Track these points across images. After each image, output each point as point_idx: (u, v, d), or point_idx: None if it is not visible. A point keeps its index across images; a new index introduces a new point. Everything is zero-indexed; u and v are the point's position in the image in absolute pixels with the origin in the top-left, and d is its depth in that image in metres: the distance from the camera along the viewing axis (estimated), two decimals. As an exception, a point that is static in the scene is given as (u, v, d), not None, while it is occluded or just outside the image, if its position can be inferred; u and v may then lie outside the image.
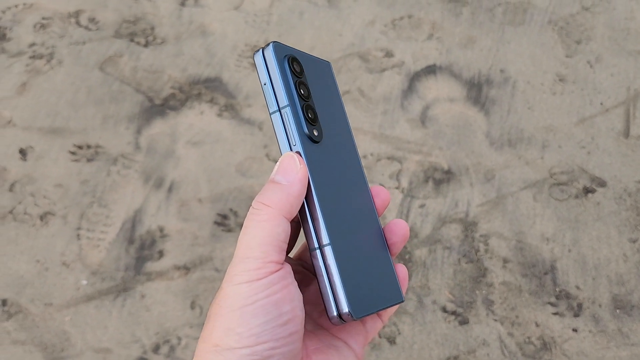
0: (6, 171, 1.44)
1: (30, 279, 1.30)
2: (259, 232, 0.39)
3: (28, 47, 1.66)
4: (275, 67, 0.42)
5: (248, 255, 0.39)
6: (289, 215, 0.40)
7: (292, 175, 0.40)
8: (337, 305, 0.41)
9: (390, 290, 0.45)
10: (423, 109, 1.54)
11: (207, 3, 1.75)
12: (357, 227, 0.44)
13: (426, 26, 1.70)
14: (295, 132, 0.41)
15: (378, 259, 0.45)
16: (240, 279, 0.38)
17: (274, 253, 0.39)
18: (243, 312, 0.37)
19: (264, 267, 0.38)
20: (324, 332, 0.44)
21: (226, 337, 0.37)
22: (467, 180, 1.43)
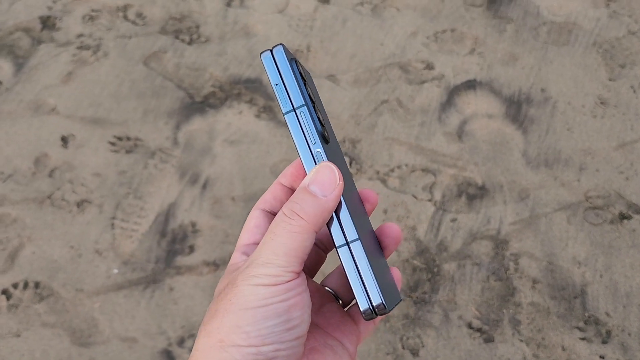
0: (47, 157, 1.48)
1: (64, 264, 1.33)
2: (288, 241, 0.39)
3: (76, 37, 1.70)
4: (287, 67, 0.42)
5: (272, 261, 0.39)
6: (319, 230, 0.40)
7: (330, 190, 0.40)
8: (370, 299, 0.41)
9: (393, 289, 0.45)
10: (460, 123, 1.54)
11: (252, 5, 1.77)
12: (364, 226, 0.45)
13: (469, 41, 1.70)
14: (314, 131, 0.42)
15: (381, 258, 0.46)
16: (259, 281, 0.38)
17: (297, 264, 0.39)
18: (255, 312, 0.38)
19: (285, 275, 0.39)
20: (319, 331, 0.44)
21: (233, 333, 0.37)
22: (500, 197, 1.42)
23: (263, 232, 0.44)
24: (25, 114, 1.55)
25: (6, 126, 1.52)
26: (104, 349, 1.23)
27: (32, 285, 1.30)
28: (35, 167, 1.46)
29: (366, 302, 0.41)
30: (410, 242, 1.35)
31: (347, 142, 1.50)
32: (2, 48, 1.67)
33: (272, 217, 0.46)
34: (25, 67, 1.63)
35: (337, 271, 0.49)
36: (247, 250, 0.44)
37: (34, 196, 1.42)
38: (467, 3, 1.78)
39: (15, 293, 1.29)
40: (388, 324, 1.26)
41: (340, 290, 0.48)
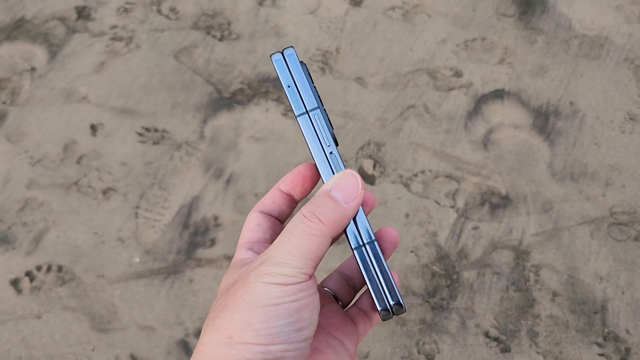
0: (76, 144, 1.50)
1: (87, 249, 1.35)
2: (306, 244, 0.39)
3: (110, 29, 1.72)
4: (299, 69, 0.43)
5: (288, 261, 0.39)
6: (337, 235, 0.41)
7: (352, 198, 0.41)
8: (388, 299, 0.41)
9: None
10: (487, 132, 1.53)
11: (284, 5, 1.78)
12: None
13: (499, 50, 1.69)
14: (328, 133, 0.42)
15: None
16: (272, 280, 0.38)
17: (311, 267, 0.39)
18: (267, 310, 0.37)
19: (298, 276, 0.39)
20: (321, 331, 0.45)
21: (242, 330, 0.37)
22: (524, 208, 1.41)
23: (265, 230, 0.45)
24: (57, 101, 1.57)
25: (38, 112, 1.55)
26: (122, 336, 1.25)
27: (55, 268, 1.32)
28: (64, 153, 1.48)
29: (385, 303, 0.41)
30: (430, 247, 1.35)
31: (372, 145, 1.50)
32: (38, 35, 1.70)
33: (270, 218, 0.46)
34: (59, 56, 1.66)
35: (335, 273, 0.50)
36: (252, 247, 0.45)
37: (61, 182, 1.44)
38: (499, 13, 1.78)
39: (38, 275, 1.32)
40: (405, 328, 1.25)
41: (339, 292, 0.49)
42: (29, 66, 1.64)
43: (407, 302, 1.28)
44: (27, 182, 1.44)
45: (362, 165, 1.47)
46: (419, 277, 1.31)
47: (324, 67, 1.64)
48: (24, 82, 1.61)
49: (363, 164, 1.47)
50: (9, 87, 1.60)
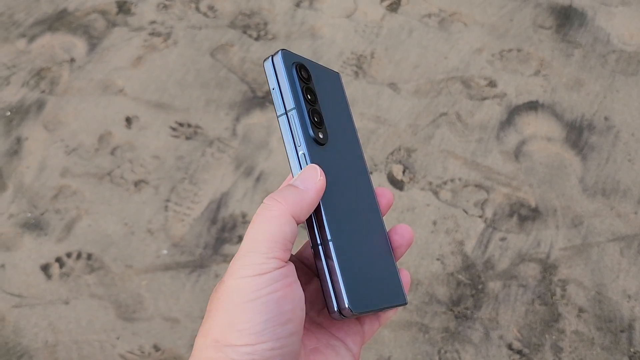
0: (111, 135, 1.53)
1: (116, 239, 1.37)
2: (267, 227, 0.39)
3: (149, 24, 1.75)
4: (283, 72, 0.43)
5: (253, 249, 0.38)
6: (297, 218, 0.40)
7: (311, 184, 0.40)
8: (338, 300, 0.41)
9: (392, 291, 0.45)
10: (519, 143, 1.52)
11: (321, 7, 1.80)
12: (360, 227, 0.45)
13: (534, 62, 1.68)
14: (301, 133, 0.42)
15: (381, 260, 0.45)
16: (244, 273, 0.38)
17: (279, 250, 0.38)
18: (245, 307, 0.37)
19: (268, 262, 0.38)
20: (322, 331, 0.44)
21: (227, 333, 0.37)
22: (553, 221, 1.40)
23: None
24: (94, 92, 1.60)
25: (75, 102, 1.58)
26: (146, 326, 1.26)
27: (84, 256, 1.35)
28: (99, 143, 1.51)
29: (334, 304, 0.41)
30: (457, 256, 1.35)
31: (402, 151, 1.50)
32: (79, 28, 1.74)
33: None
34: (98, 48, 1.69)
35: None
36: None
37: (94, 171, 1.47)
38: (536, 24, 1.76)
39: (68, 262, 1.34)
40: (427, 335, 1.25)
41: None
42: (69, 57, 1.68)
43: (431, 310, 1.28)
44: (61, 170, 1.47)
45: (392, 170, 1.47)
46: (444, 285, 1.31)
47: (358, 72, 1.65)
48: (63, 72, 1.64)
49: (392, 169, 1.47)
50: (48, 77, 1.63)
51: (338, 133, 0.46)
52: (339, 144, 0.46)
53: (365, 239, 0.45)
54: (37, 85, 1.62)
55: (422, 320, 1.27)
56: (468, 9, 1.80)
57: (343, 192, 0.44)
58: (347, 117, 0.49)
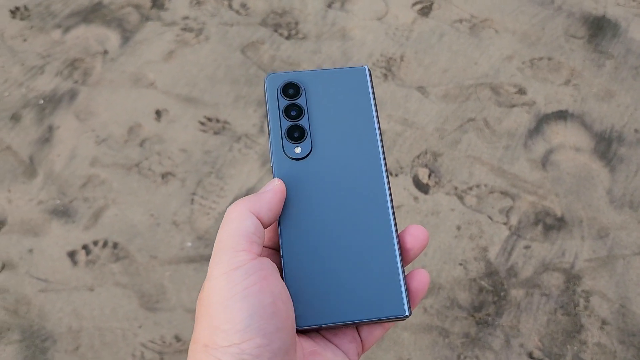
0: (140, 127, 1.55)
1: (142, 230, 1.39)
2: (229, 226, 0.40)
3: (181, 19, 1.77)
4: (266, 96, 0.47)
5: (220, 247, 0.39)
6: (258, 214, 0.41)
7: (269, 187, 0.43)
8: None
9: (378, 302, 0.43)
10: (546, 152, 1.51)
11: (352, 9, 1.80)
12: (342, 237, 0.44)
13: (565, 71, 1.67)
14: (273, 150, 0.46)
15: (369, 270, 0.44)
16: (217, 272, 0.38)
17: (245, 243, 0.39)
18: (225, 306, 0.37)
19: (237, 256, 0.38)
20: (319, 337, 0.43)
21: (213, 335, 0.37)
22: (578, 232, 1.39)
23: None
24: (125, 84, 1.62)
25: (107, 93, 1.61)
26: (168, 316, 1.28)
27: (110, 245, 1.37)
28: (128, 135, 1.53)
29: None
30: (480, 262, 1.34)
31: (428, 154, 1.50)
32: (113, 20, 1.76)
33: None
34: (131, 41, 1.72)
35: None
36: None
37: (123, 162, 1.49)
38: (568, 34, 1.75)
39: (94, 250, 1.36)
40: (447, 340, 1.25)
41: None
42: (102, 49, 1.70)
43: (452, 315, 1.28)
44: (91, 160, 1.49)
45: (418, 173, 1.47)
46: (466, 291, 1.31)
47: (387, 74, 1.65)
48: (96, 64, 1.67)
49: (418, 172, 1.47)
50: (82, 68, 1.66)
51: (337, 141, 0.47)
52: (332, 153, 0.46)
53: (348, 250, 0.44)
54: (70, 75, 1.64)
55: (442, 325, 1.27)
56: (500, 15, 1.79)
57: (323, 202, 0.45)
58: (362, 118, 0.48)
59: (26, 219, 1.40)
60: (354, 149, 0.46)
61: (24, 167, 1.48)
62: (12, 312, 1.28)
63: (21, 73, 1.64)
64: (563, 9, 1.82)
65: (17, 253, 1.35)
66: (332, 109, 0.47)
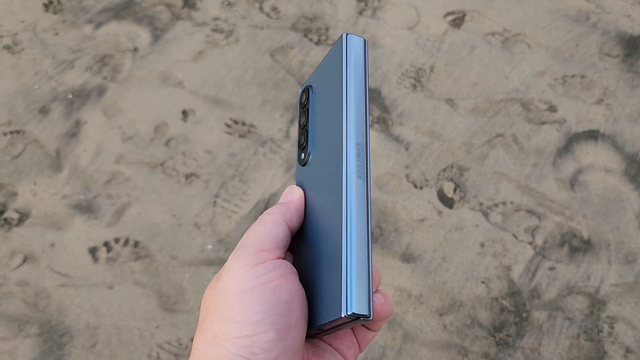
0: (167, 126, 1.55)
1: (164, 229, 1.39)
2: (260, 227, 0.41)
3: (212, 20, 1.77)
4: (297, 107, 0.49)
5: (246, 244, 0.40)
6: (289, 222, 0.43)
7: (290, 198, 0.45)
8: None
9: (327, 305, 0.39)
10: (575, 171, 1.49)
11: (383, 17, 1.79)
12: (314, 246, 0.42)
13: (597, 90, 1.64)
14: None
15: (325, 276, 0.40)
16: (238, 265, 0.38)
17: (271, 244, 0.40)
18: (241, 298, 0.37)
19: (260, 254, 0.39)
20: (318, 340, 0.44)
21: (225, 325, 0.36)
22: (605, 255, 1.36)
23: None
24: (154, 83, 1.63)
25: (135, 90, 1.61)
26: (185, 318, 1.27)
27: (132, 243, 1.37)
28: (154, 133, 1.53)
29: None
30: (502, 281, 1.32)
31: (454, 168, 1.48)
32: (144, 18, 1.77)
33: None
34: (162, 40, 1.72)
35: None
36: None
37: (148, 160, 1.49)
38: (603, 52, 1.72)
39: (115, 247, 1.36)
40: (466, 359, 1.23)
41: None
42: (132, 46, 1.71)
43: (472, 333, 1.26)
44: (116, 157, 1.49)
45: (443, 187, 1.45)
46: (487, 310, 1.29)
47: (416, 84, 1.63)
48: (125, 61, 1.67)
49: (444, 186, 1.45)
50: (111, 64, 1.67)
51: (322, 142, 0.44)
52: (317, 157, 0.44)
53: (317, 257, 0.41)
54: (99, 71, 1.65)
55: (461, 343, 1.25)
56: (533, 30, 1.77)
57: (309, 209, 0.45)
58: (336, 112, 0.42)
59: (50, 212, 1.41)
60: (328, 150, 0.43)
61: (50, 161, 1.48)
62: (32, 305, 1.28)
63: (52, 66, 1.65)
64: (598, 26, 1.78)
65: (39, 246, 1.35)
66: (323, 106, 0.44)
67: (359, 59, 0.42)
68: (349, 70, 0.41)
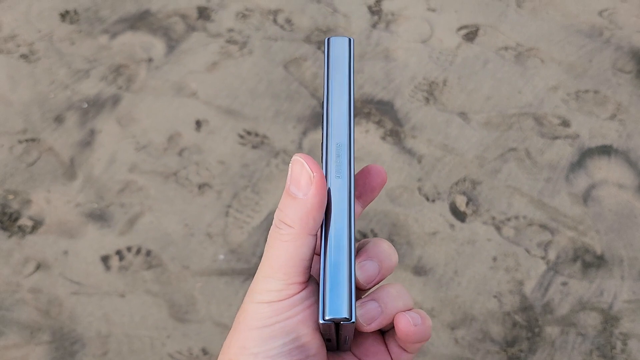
0: (180, 136, 1.56)
1: (176, 239, 1.39)
2: (283, 252, 0.36)
3: (226, 31, 1.79)
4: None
5: (271, 275, 0.37)
6: (314, 231, 0.36)
7: (306, 187, 0.36)
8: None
9: None
10: (588, 187, 1.48)
11: (397, 30, 1.80)
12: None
13: (611, 105, 1.64)
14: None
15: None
16: (262, 298, 0.36)
17: (297, 275, 0.36)
18: (262, 332, 0.36)
19: (287, 288, 0.36)
20: (349, 355, 0.41)
21: (241, 355, 0.36)
22: (618, 271, 1.35)
23: None
24: (168, 93, 1.64)
25: (149, 100, 1.62)
26: (197, 328, 1.27)
27: (144, 252, 1.37)
28: (168, 143, 1.54)
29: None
30: (515, 296, 1.31)
31: (467, 182, 1.48)
32: (159, 29, 1.79)
33: None
34: (176, 50, 1.74)
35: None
36: None
37: (161, 170, 1.50)
38: (616, 67, 1.72)
39: (127, 256, 1.37)
40: (477, 373, 1.22)
41: None
42: (147, 56, 1.72)
43: (484, 348, 1.25)
44: (130, 166, 1.50)
45: (455, 200, 1.45)
46: (499, 324, 1.28)
47: (429, 98, 1.64)
48: (140, 71, 1.69)
49: (456, 199, 1.45)
50: (126, 74, 1.68)
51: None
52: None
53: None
54: (114, 80, 1.66)
55: (473, 357, 1.24)
56: (546, 45, 1.77)
57: None
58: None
59: (63, 220, 1.41)
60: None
61: (65, 169, 1.49)
62: (44, 312, 1.29)
63: (67, 75, 1.67)
64: (611, 42, 1.79)
65: (52, 254, 1.36)
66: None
67: (341, 58, 0.42)
68: (331, 70, 0.42)
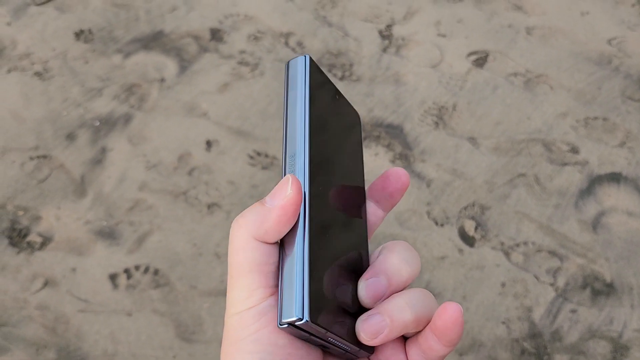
0: (190, 156, 1.56)
1: (184, 258, 1.39)
2: (240, 258, 0.35)
3: (238, 53, 1.81)
4: None
5: (234, 285, 0.36)
6: (263, 240, 0.35)
7: (277, 198, 0.35)
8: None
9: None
10: (597, 214, 1.48)
11: (407, 55, 1.81)
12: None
13: (620, 133, 1.64)
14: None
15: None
16: (233, 310, 0.35)
17: (259, 278, 0.35)
18: (238, 347, 0.34)
19: (252, 295, 0.35)
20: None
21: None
22: (628, 300, 1.34)
23: None
24: (179, 113, 1.65)
25: (161, 119, 1.64)
26: (203, 349, 1.27)
27: (152, 271, 1.37)
28: (178, 162, 1.55)
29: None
30: (523, 322, 1.30)
31: (476, 207, 1.48)
32: (172, 49, 1.81)
33: None
34: (188, 71, 1.75)
35: None
36: None
37: (171, 189, 1.50)
38: (625, 95, 1.73)
39: (135, 275, 1.37)
40: (485, 401, 1.21)
41: None
42: (160, 76, 1.74)
43: (492, 374, 1.24)
44: (140, 184, 1.51)
45: (464, 225, 1.45)
46: (508, 351, 1.27)
47: (438, 122, 1.65)
48: (152, 90, 1.71)
49: (464, 224, 1.45)
50: (138, 93, 1.70)
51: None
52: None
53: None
54: (127, 99, 1.68)
55: (481, 384, 1.23)
56: (555, 72, 1.78)
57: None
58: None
59: (72, 237, 1.42)
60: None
61: (75, 186, 1.50)
62: (51, 329, 1.29)
63: (80, 94, 1.69)
64: (620, 70, 1.80)
65: (60, 271, 1.36)
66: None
67: (299, 75, 0.42)
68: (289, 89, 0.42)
